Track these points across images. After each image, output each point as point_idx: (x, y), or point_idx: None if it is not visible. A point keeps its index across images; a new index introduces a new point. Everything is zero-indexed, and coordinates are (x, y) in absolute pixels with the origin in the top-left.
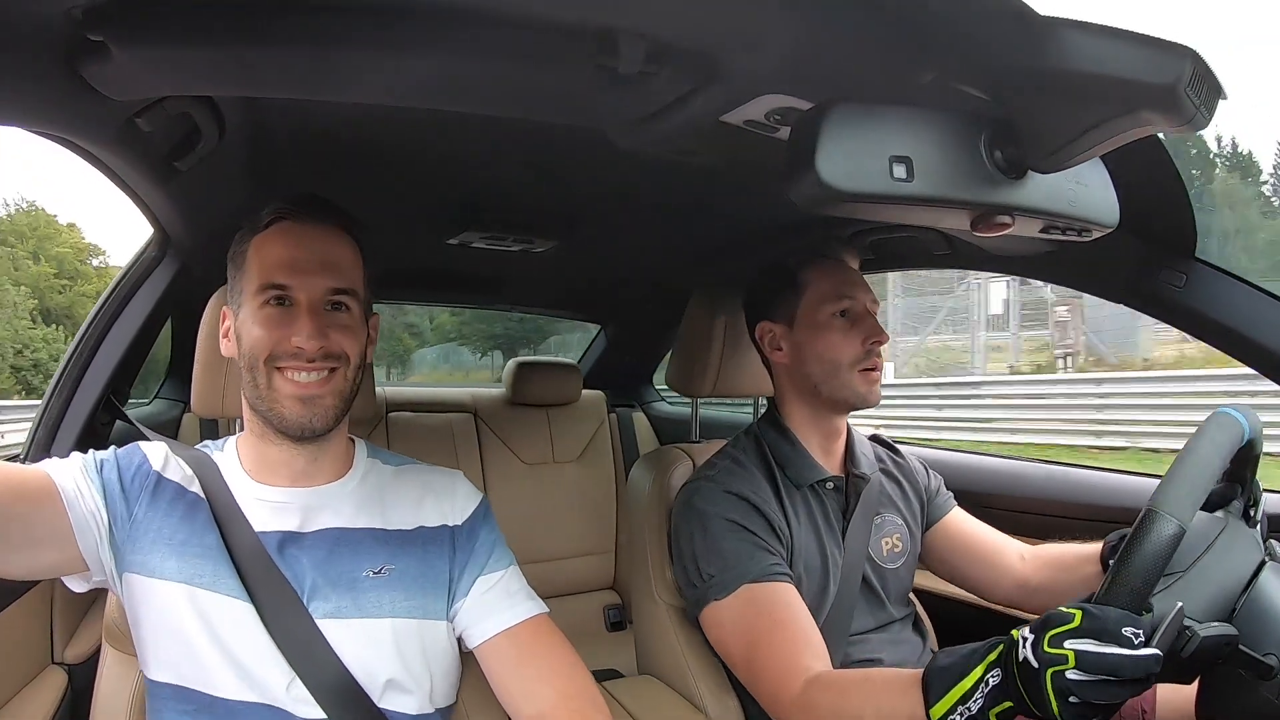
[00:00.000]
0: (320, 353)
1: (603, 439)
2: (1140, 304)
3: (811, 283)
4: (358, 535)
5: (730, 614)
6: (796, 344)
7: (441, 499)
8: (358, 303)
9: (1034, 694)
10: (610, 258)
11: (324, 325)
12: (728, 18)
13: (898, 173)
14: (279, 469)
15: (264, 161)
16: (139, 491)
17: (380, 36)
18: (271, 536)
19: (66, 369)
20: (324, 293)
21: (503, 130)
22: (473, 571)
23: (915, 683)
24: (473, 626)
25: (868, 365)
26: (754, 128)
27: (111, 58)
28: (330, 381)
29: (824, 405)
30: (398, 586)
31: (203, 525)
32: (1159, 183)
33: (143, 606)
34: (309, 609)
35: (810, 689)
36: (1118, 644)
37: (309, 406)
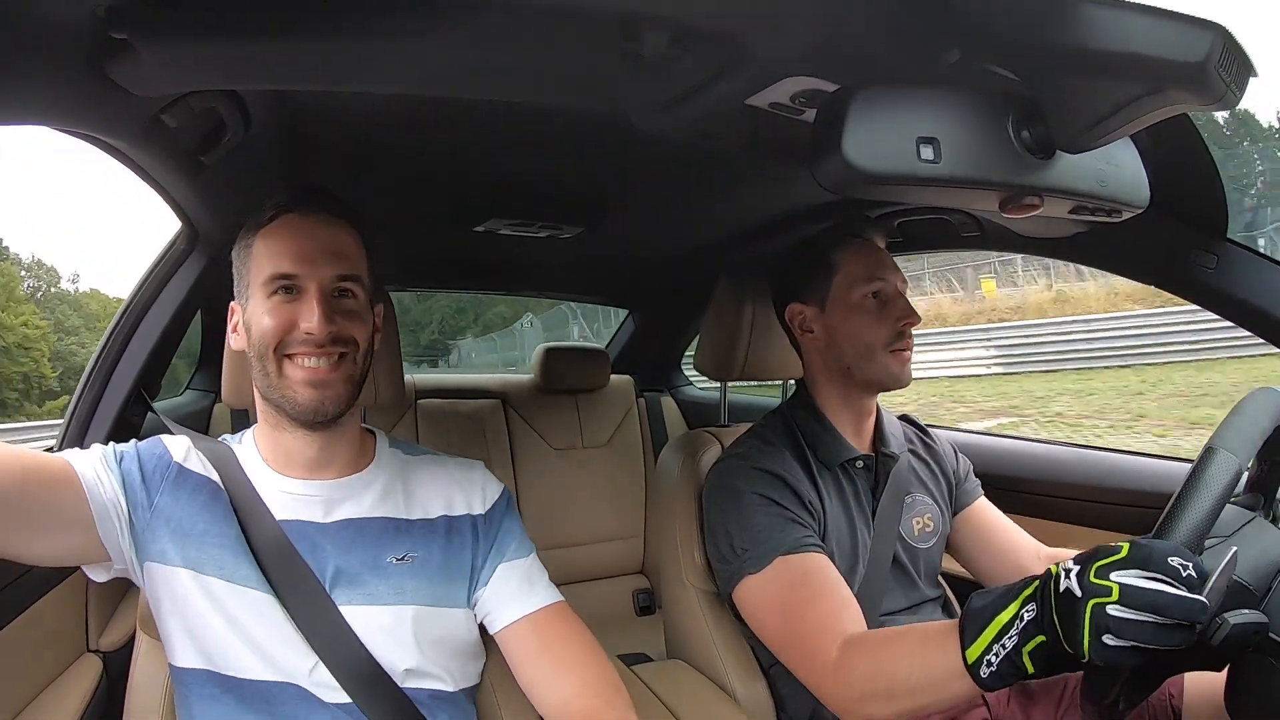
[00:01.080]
0: (329, 338)
1: (631, 424)
2: (1172, 286)
3: (843, 264)
4: (380, 524)
5: (765, 587)
6: (829, 325)
7: (464, 489)
8: (363, 289)
9: (1069, 629)
10: (636, 242)
11: (331, 311)
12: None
13: (925, 154)
14: (294, 458)
15: (290, 153)
16: (160, 482)
17: (403, 25)
18: (294, 526)
19: (98, 363)
20: (331, 279)
21: (527, 117)
22: (495, 559)
23: (952, 630)
24: (495, 612)
25: (900, 346)
26: (779, 110)
27: (136, 55)
28: (340, 367)
29: (856, 386)
30: (420, 575)
31: (223, 516)
32: (1190, 162)
33: (164, 595)
34: (332, 596)
35: (846, 649)
36: (1166, 577)
37: (320, 391)
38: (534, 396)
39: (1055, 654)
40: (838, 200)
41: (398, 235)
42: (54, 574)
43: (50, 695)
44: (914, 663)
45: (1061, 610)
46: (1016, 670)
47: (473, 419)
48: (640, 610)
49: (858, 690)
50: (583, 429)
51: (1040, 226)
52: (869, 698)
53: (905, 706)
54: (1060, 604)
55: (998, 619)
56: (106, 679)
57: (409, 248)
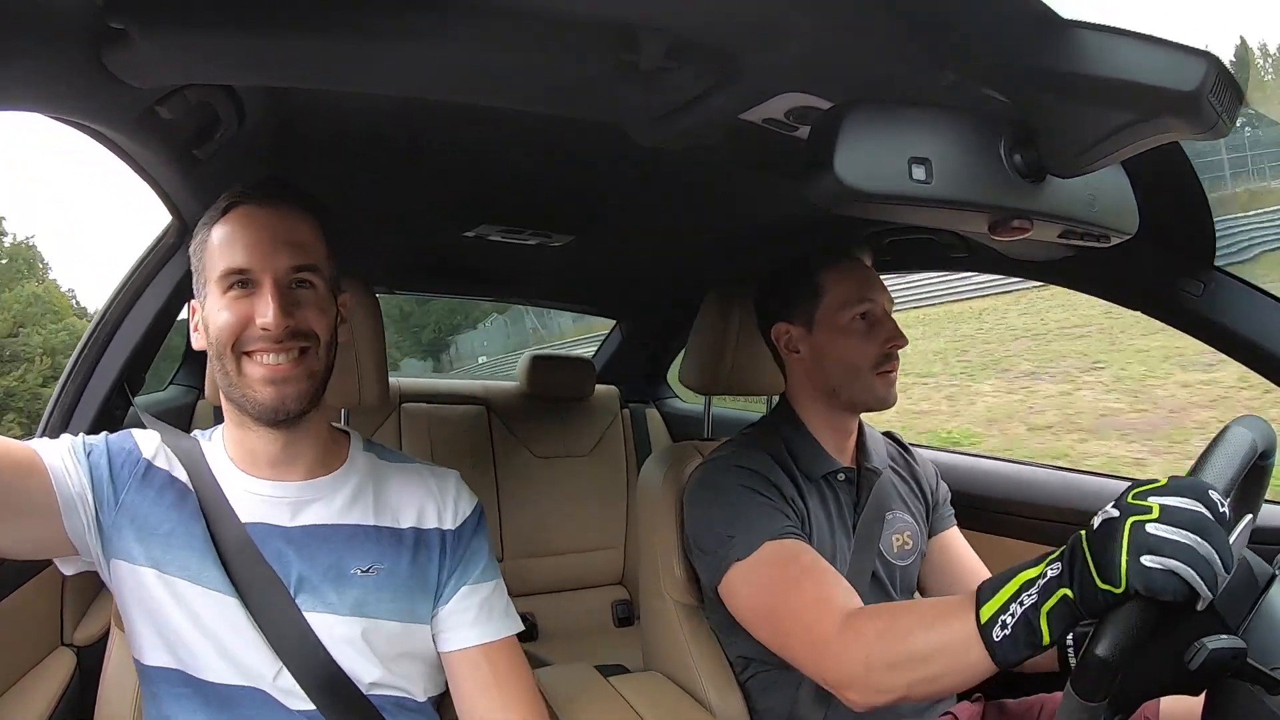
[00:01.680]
0: (287, 332)
1: (615, 434)
2: (1158, 312)
3: (831, 286)
4: (348, 531)
5: (756, 570)
6: (816, 346)
7: (436, 500)
8: (323, 280)
9: (1105, 558)
10: (626, 253)
11: (288, 304)
12: (749, 15)
13: (916, 174)
14: (259, 457)
15: (283, 151)
16: (127, 478)
17: (401, 27)
18: (260, 529)
19: (82, 354)
20: (286, 270)
21: (521, 123)
22: (460, 579)
23: (968, 597)
24: (450, 632)
25: (886, 367)
26: (773, 126)
27: (133, 45)
28: (301, 362)
29: (841, 406)
30: (386, 587)
31: (189, 516)
32: (1179, 189)
33: (130, 594)
34: (296, 602)
35: (854, 619)
36: (1204, 505)
37: (280, 388)
38: (519, 404)
39: (1077, 614)
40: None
41: (388, 237)
42: (28, 567)
43: (23, 688)
44: (925, 629)
45: (1095, 542)
46: (1032, 634)
47: (456, 424)
48: (619, 621)
49: (862, 661)
50: (566, 438)
51: (1029, 249)
52: (874, 669)
53: (913, 677)
54: (1094, 538)
55: (1018, 577)
56: (80, 673)
57: (399, 250)
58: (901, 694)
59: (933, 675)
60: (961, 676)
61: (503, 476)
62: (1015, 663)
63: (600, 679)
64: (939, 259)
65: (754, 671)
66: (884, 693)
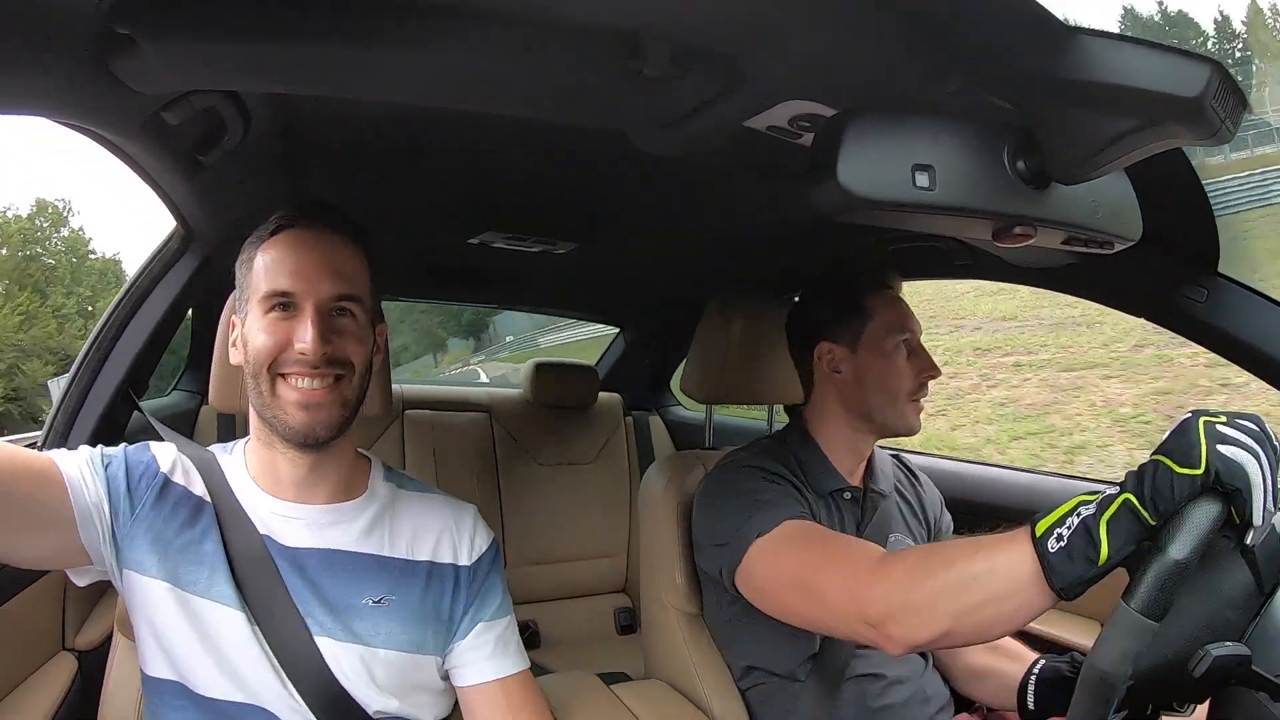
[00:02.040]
0: (324, 359)
1: (618, 442)
2: (1162, 319)
3: (878, 311)
4: (363, 560)
5: (778, 544)
6: (859, 367)
7: (453, 535)
8: (363, 310)
9: (1183, 446)
10: (629, 261)
11: (328, 331)
12: (754, 23)
13: (920, 181)
14: (283, 478)
15: (288, 158)
16: (144, 492)
17: (406, 35)
18: (277, 548)
19: (86, 359)
20: (329, 298)
21: (526, 131)
22: (476, 614)
23: (1021, 528)
24: (467, 668)
25: (920, 395)
26: (777, 133)
27: (139, 51)
28: (335, 389)
29: (870, 429)
30: (395, 618)
31: (204, 531)
32: (1182, 196)
33: (140, 604)
34: (307, 624)
35: (890, 557)
36: (1261, 428)
37: (312, 414)
38: (522, 411)
39: (1139, 521)
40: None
41: (393, 244)
42: (33, 571)
43: (24, 692)
44: (970, 555)
45: (1171, 441)
46: (1090, 544)
47: (460, 432)
48: (621, 629)
49: (902, 590)
50: (569, 446)
51: (1033, 256)
52: (914, 598)
53: (958, 605)
54: (1168, 441)
55: (1077, 498)
56: (81, 678)
57: (404, 257)
58: (946, 625)
59: (979, 601)
60: (1012, 604)
61: (506, 484)
62: (1072, 585)
63: (602, 686)
64: (943, 267)
65: (754, 681)
66: (927, 624)
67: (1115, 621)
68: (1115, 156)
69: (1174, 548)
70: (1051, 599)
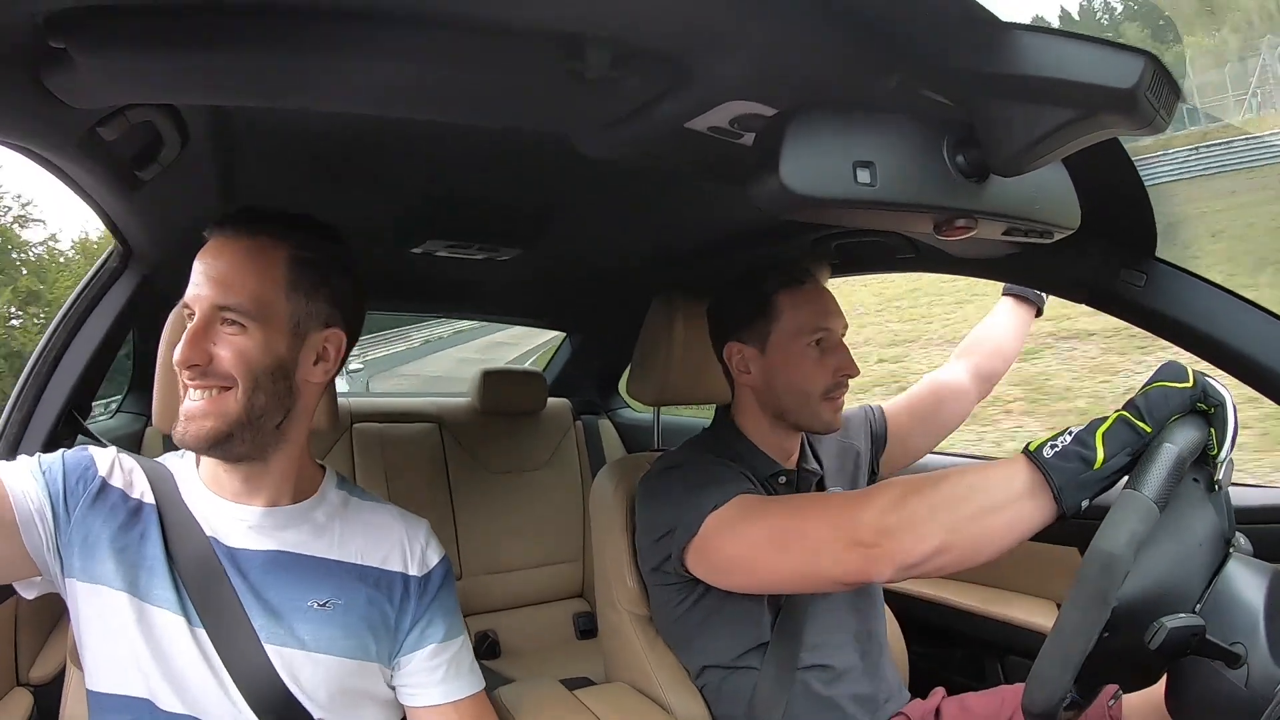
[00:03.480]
0: (196, 371)
1: (569, 447)
2: (1102, 304)
3: (787, 310)
4: (308, 563)
5: (737, 512)
6: (767, 369)
7: (404, 547)
8: (256, 322)
9: (1174, 371)
10: (574, 266)
11: (205, 343)
12: (695, 24)
13: (861, 177)
14: (223, 483)
15: (227, 171)
16: (80, 494)
17: (344, 44)
18: (223, 549)
19: (27, 383)
20: (209, 308)
21: (466, 137)
22: (425, 633)
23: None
24: (417, 689)
25: (835, 394)
26: (718, 134)
27: (73, 66)
28: (216, 403)
29: (786, 426)
30: (339, 623)
31: (144, 533)
32: (1119, 184)
33: (84, 613)
34: (254, 627)
35: (871, 488)
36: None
37: (187, 424)
38: (471, 420)
39: (1134, 430)
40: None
41: None
42: None
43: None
44: (960, 474)
45: (1160, 372)
46: (1085, 448)
47: (409, 443)
48: (581, 634)
49: (893, 507)
50: (520, 452)
51: (974, 248)
52: (906, 514)
53: (952, 517)
54: (1155, 375)
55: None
56: (37, 711)
57: None
58: (941, 539)
59: (975, 512)
60: (1009, 513)
61: (458, 493)
62: (1069, 488)
63: (565, 692)
64: (887, 261)
65: (708, 679)
66: (922, 538)
67: (1120, 505)
68: (1053, 148)
69: (1174, 438)
70: (1050, 510)
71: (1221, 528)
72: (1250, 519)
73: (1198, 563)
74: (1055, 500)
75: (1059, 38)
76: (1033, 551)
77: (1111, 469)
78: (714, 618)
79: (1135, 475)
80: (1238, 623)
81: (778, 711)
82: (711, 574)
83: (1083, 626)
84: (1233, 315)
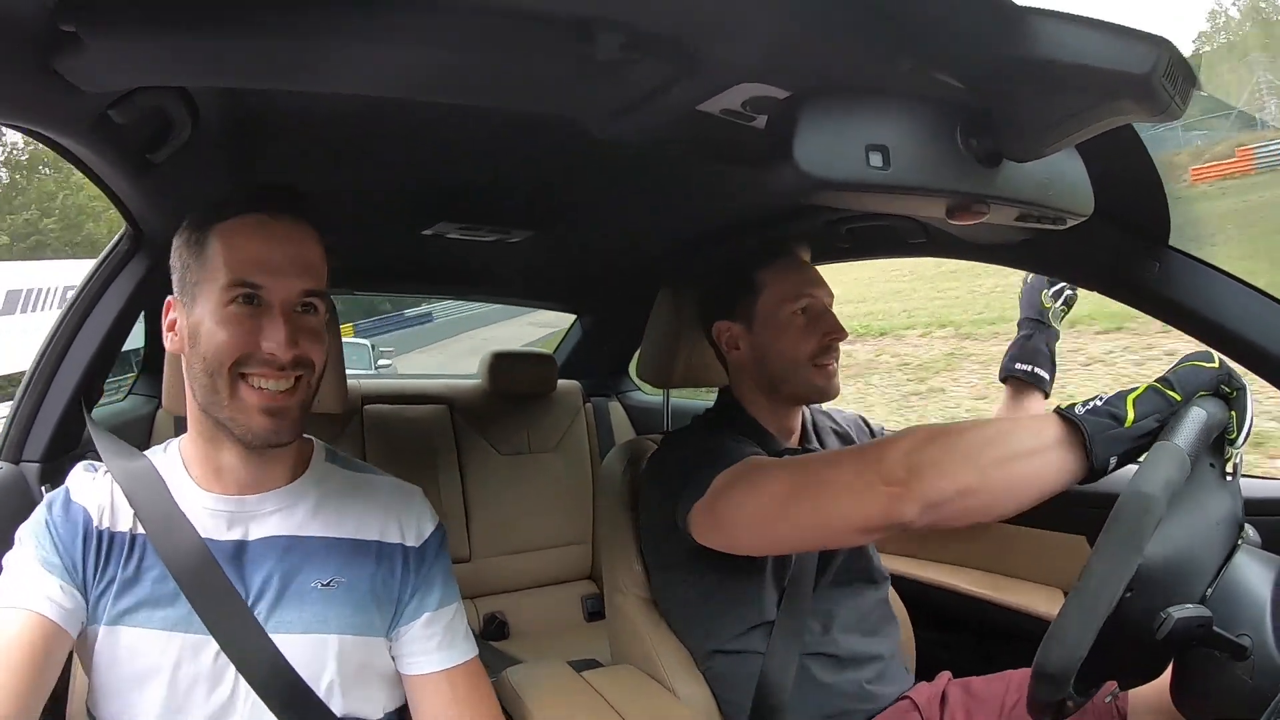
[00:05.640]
0: (293, 360)
1: (579, 429)
2: (1114, 292)
3: (769, 283)
4: (309, 544)
5: (749, 470)
6: (756, 343)
7: (399, 515)
8: (325, 304)
9: (1200, 355)
10: (585, 248)
11: (294, 330)
12: (705, 6)
13: (874, 161)
14: (227, 476)
15: (238, 154)
16: (86, 555)
17: (355, 26)
18: (220, 545)
19: (39, 367)
20: (298, 295)
21: (478, 120)
22: (423, 602)
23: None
24: (413, 657)
25: (824, 360)
26: (731, 116)
27: (84, 49)
28: (296, 392)
29: (782, 399)
30: (345, 601)
31: (140, 563)
32: (1133, 171)
33: (98, 658)
34: (257, 617)
35: (895, 435)
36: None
37: (276, 419)
38: (481, 402)
39: (1162, 397)
40: (787, 207)
41: (346, 238)
42: None
43: None
44: (991, 421)
45: (1189, 356)
46: (1115, 409)
47: (420, 425)
48: (590, 616)
49: (924, 447)
50: (531, 434)
51: (986, 233)
52: (937, 454)
53: (984, 459)
54: (1185, 358)
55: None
56: None
57: (357, 250)
58: (972, 478)
59: (1005, 455)
60: (1039, 460)
61: (468, 475)
62: (1100, 437)
63: (573, 674)
64: (898, 245)
65: (713, 664)
66: (952, 475)
67: (1155, 452)
68: (1067, 134)
69: (1203, 403)
70: (1080, 463)
71: (1235, 513)
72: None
73: (1213, 540)
74: (1085, 452)
75: (1074, 23)
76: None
77: (1141, 430)
78: (717, 595)
79: (1167, 430)
80: (1244, 615)
81: (784, 695)
82: (721, 536)
83: (1112, 573)
84: (1246, 305)
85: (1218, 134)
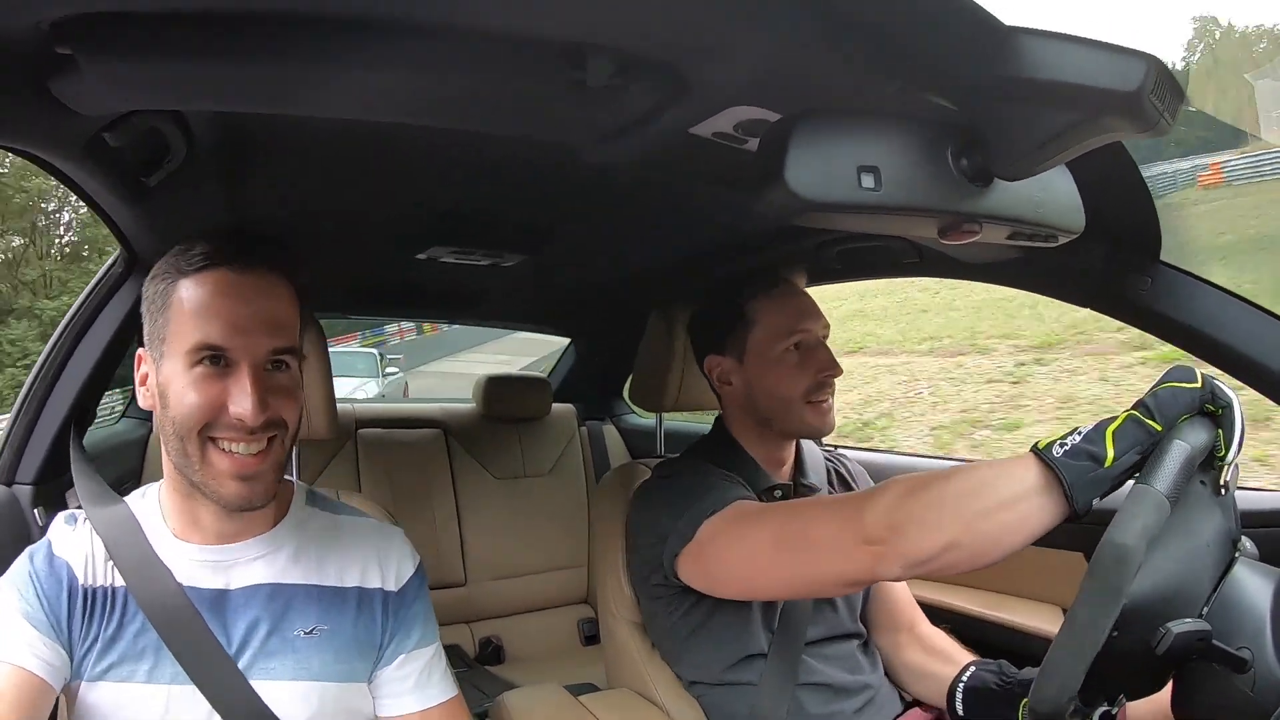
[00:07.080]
0: (263, 424)
1: (574, 452)
2: (1107, 308)
3: (761, 317)
4: (290, 591)
5: (736, 516)
6: (747, 379)
7: (379, 559)
8: (297, 360)
9: (1181, 373)
10: (578, 272)
11: (264, 393)
12: (696, 31)
13: (866, 182)
14: (207, 529)
15: (233, 178)
16: (72, 613)
17: (349, 51)
18: (201, 593)
19: (32, 389)
20: (267, 354)
21: (472, 145)
22: (401, 643)
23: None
24: (389, 699)
25: (819, 397)
26: (722, 139)
27: (79, 72)
28: (269, 454)
29: (774, 435)
30: (328, 648)
31: (122, 618)
32: (1123, 187)
33: (87, 717)
34: (240, 667)
35: (875, 488)
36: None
37: (249, 484)
38: (475, 425)
39: (1143, 429)
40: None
41: (340, 262)
42: None
43: None
44: (968, 471)
45: (1169, 375)
46: (1094, 446)
47: (414, 449)
48: (586, 640)
49: (903, 503)
50: (525, 458)
51: (978, 252)
52: (917, 509)
53: (965, 511)
54: (1165, 376)
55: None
56: None
57: (352, 274)
58: (953, 533)
59: (986, 507)
60: (1020, 509)
61: (463, 499)
62: (1080, 483)
63: (570, 698)
64: (891, 266)
65: (700, 693)
66: (932, 533)
67: (1132, 498)
68: (1057, 152)
69: (1185, 435)
70: (1062, 508)
71: (1229, 530)
72: (1256, 523)
73: (1206, 563)
74: (1067, 499)
75: (1062, 41)
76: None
77: (1122, 467)
78: (700, 632)
79: (1146, 470)
80: (1244, 627)
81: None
82: (707, 581)
83: (1095, 621)
84: (1239, 319)
85: None
